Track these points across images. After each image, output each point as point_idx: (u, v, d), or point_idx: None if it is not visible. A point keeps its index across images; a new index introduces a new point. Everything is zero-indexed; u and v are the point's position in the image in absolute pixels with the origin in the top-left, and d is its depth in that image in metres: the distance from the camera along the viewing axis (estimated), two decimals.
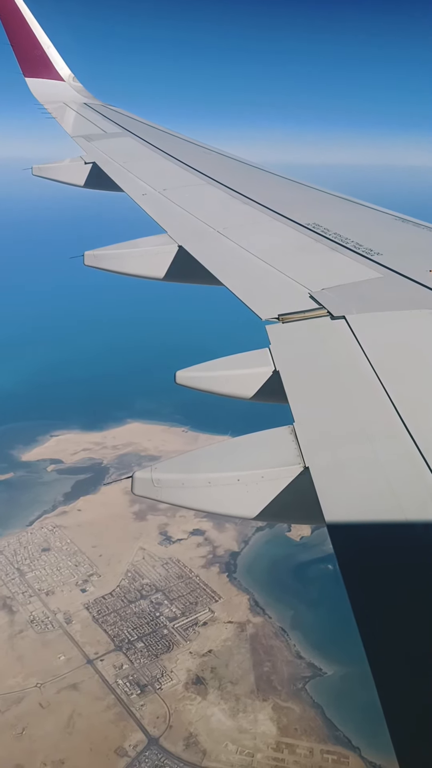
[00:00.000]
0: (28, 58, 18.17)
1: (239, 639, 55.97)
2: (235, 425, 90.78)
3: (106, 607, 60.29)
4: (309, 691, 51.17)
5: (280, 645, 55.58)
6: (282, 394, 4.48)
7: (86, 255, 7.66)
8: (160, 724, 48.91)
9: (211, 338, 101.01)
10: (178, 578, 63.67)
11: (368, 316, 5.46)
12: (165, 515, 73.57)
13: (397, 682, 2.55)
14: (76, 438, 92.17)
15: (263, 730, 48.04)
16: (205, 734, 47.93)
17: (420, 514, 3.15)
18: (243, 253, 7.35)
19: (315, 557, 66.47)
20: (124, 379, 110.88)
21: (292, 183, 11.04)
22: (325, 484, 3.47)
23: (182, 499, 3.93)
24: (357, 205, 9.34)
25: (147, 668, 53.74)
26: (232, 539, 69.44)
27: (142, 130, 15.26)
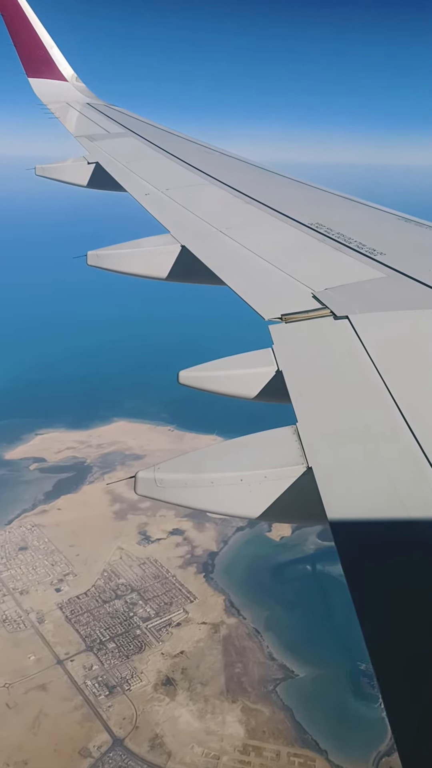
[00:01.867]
0: (31, 58, 18.19)
1: (212, 640, 55.66)
2: (221, 424, 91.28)
3: (80, 607, 59.38)
4: (279, 693, 50.71)
5: (252, 646, 55.29)
6: (285, 394, 4.44)
7: (89, 255, 7.61)
8: (126, 725, 48.15)
9: (213, 338, 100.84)
10: (154, 578, 62.90)
11: (371, 316, 5.39)
12: (145, 515, 73.21)
13: (399, 680, 2.52)
14: (61, 436, 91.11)
15: (231, 732, 47.74)
16: (171, 736, 47.51)
17: (423, 514, 3.12)
18: (246, 252, 7.28)
19: (294, 558, 66.27)
20: (116, 377, 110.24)
21: (294, 182, 10.94)
22: (328, 484, 3.44)
23: (185, 499, 3.89)
24: (360, 205, 9.27)
25: (117, 669, 52.93)
26: (212, 539, 69.15)
27: (144, 130, 15.23)
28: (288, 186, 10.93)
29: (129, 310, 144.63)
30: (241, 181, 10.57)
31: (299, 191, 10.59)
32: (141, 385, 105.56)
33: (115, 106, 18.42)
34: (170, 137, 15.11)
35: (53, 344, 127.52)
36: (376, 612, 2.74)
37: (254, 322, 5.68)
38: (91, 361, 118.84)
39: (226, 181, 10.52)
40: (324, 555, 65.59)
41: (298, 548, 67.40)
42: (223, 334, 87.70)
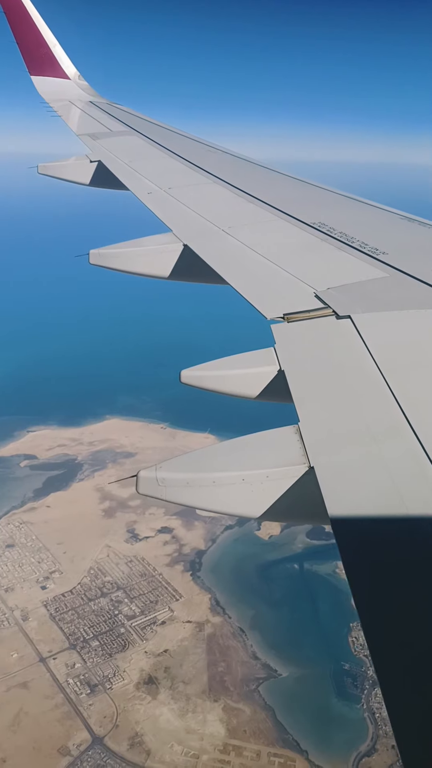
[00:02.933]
0: (34, 56, 18.25)
1: (196, 639, 55.47)
2: (214, 423, 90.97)
3: (65, 605, 58.77)
4: (262, 693, 50.39)
5: (236, 645, 55.07)
6: (287, 393, 4.43)
7: (91, 253, 7.60)
8: (106, 723, 47.65)
9: (215, 337, 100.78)
10: (140, 576, 62.38)
11: (374, 316, 5.39)
12: (135, 513, 72.91)
13: (399, 678, 2.50)
14: (53, 434, 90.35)
15: (211, 731, 47.55)
16: (152, 734, 47.19)
17: (425, 513, 3.13)
18: (248, 252, 7.27)
19: (282, 556, 66.00)
20: (111, 375, 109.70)
21: (297, 182, 10.93)
22: (330, 483, 3.43)
23: (187, 498, 3.88)
24: (362, 204, 9.27)
25: (99, 667, 52.44)
26: (200, 537, 68.88)
27: (147, 128, 15.25)
28: (290, 185, 10.94)
29: (129, 308, 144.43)
30: (243, 180, 10.58)
31: (302, 190, 10.58)
32: (136, 383, 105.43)
33: (118, 105, 18.47)
34: (173, 136, 15.15)
35: (51, 342, 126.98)
36: (377, 611, 2.72)
37: (256, 322, 5.68)
38: (87, 359, 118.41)
39: (229, 180, 10.54)
40: (312, 554, 65.44)
41: (287, 547, 67.19)
42: (224, 333, 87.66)
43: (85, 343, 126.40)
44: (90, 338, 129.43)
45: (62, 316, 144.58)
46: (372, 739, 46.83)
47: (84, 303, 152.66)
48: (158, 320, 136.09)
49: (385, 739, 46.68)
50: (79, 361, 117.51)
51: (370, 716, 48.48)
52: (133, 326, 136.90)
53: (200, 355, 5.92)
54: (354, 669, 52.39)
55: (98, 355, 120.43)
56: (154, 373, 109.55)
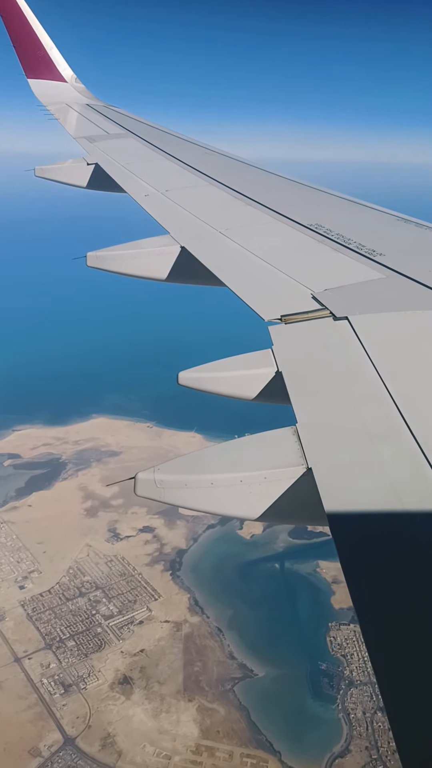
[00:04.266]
0: (30, 59, 18.13)
1: (173, 638, 54.98)
2: (201, 422, 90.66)
3: (43, 605, 57.46)
4: (237, 693, 49.59)
5: (213, 645, 54.58)
6: (284, 394, 4.41)
7: (89, 256, 7.56)
8: (79, 724, 46.53)
9: (211, 338, 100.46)
10: (120, 576, 61.33)
11: (371, 317, 5.36)
12: (117, 512, 72.22)
13: (398, 676, 2.50)
14: (38, 433, 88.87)
15: (184, 731, 47.05)
16: (124, 735, 46.43)
17: (424, 515, 3.12)
18: (245, 253, 7.23)
19: (263, 556, 65.45)
20: (102, 375, 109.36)
21: (293, 183, 10.83)
22: (328, 484, 3.42)
23: (185, 500, 3.87)
24: (359, 206, 9.20)
25: (74, 667, 51.26)
26: (182, 537, 68.31)
27: (144, 131, 15.21)
28: (287, 186, 10.92)
29: (125, 309, 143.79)
30: (240, 182, 10.53)
31: (298, 192, 10.56)
32: (125, 383, 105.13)
33: (114, 107, 18.37)
34: (169, 138, 15.09)
35: (42, 342, 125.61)
36: (375, 612, 2.70)
37: (254, 323, 5.64)
38: (78, 358, 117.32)
39: (226, 182, 10.48)
40: (294, 553, 65.09)
41: (268, 546, 66.78)
42: (221, 334, 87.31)
43: (77, 343, 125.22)
44: (82, 338, 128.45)
45: (56, 317, 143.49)
46: (346, 739, 46.49)
47: (79, 304, 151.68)
48: (154, 321, 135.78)
49: (359, 740, 46.40)
50: (68, 360, 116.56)
51: (345, 717, 48.14)
52: (127, 326, 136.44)
53: (195, 355, 5.90)
54: (331, 669, 52.07)
55: (88, 355, 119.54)
56: (144, 372, 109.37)
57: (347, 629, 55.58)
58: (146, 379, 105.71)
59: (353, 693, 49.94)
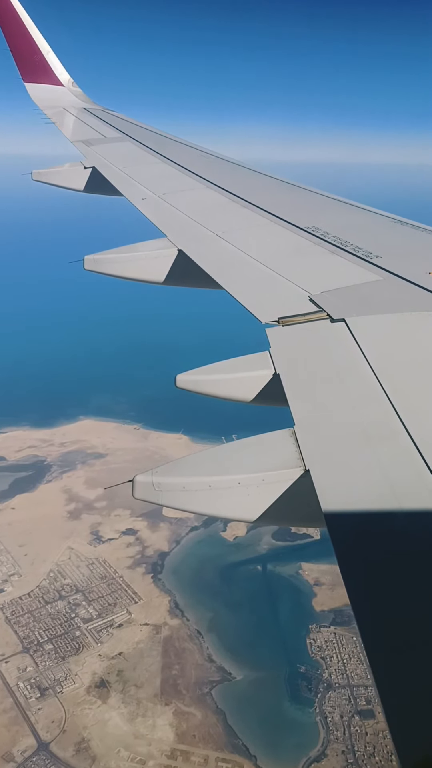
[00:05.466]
0: (28, 63, 18.25)
1: (152, 641, 54.27)
2: (188, 424, 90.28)
3: (22, 608, 55.93)
4: (214, 696, 48.54)
5: (192, 648, 53.96)
6: (282, 397, 4.41)
7: (86, 259, 7.57)
8: (53, 728, 45.09)
9: (206, 341, 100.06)
10: (100, 579, 60.04)
11: (368, 319, 5.37)
12: (100, 514, 71.37)
13: (397, 676, 2.48)
14: (24, 435, 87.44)
15: (159, 735, 46.33)
16: (99, 739, 45.57)
17: (421, 516, 3.12)
18: (242, 256, 7.26)
19: (245, 558, 64.77)
20: (91, 377, 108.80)
21: (290, 186, 10.90)
22: (326, 486, 3.41)
23: (183, 502, 3.88)
24: (356, 208, 9.22)
25: (51, 671, 49.87)
26: (164, 539, 67.55)
27: (141, 134, 15.33)
28: (284, 189, 11.00)
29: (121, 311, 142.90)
30: (237, 185, 10.60)
31: (295, 194, 10.61)
32: (114, 384, 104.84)
33: (111, 111, 18.46)
34: (166, 141, 15.18)
35: (33, 345, 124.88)
36: (373, 613, 2.67)
37: (250, 326, 5.62)
38: (68, 361, 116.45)
39: (222, 185, 10.54)
40: (276, 555, 64.66)
41: (251, 548, 66.25)
42: (217, 337, 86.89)
43: (68, 346, 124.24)
44: (75, 340, 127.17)
45: (50, 319, 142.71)
46: (323, 744, 46.02)
47: (74, 307, 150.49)
48: (148, 323, 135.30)
49: (335, 744, 45.96)
50: (58, 363, 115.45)
51: (322, 720, 47.68)
52: (121, 329, 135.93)
53: (189, 358, 5.88)
54: (309, 672, 51.61)
55: (79, 357, 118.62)
56: (134, 374, 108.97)
57: (327, 631, 55.24)
58: (136, 381, 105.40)
59: (331, 696, 49.55)
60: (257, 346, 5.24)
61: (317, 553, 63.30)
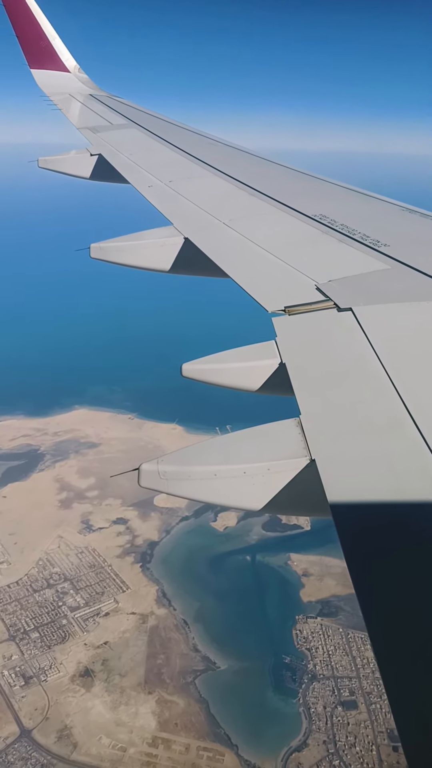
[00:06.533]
0: (34, 49, 18.06)
1: (138, 631, 54.38)
2: (183, 413, 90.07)
3: (9, 596, 55.83)
4: (198, 686, 48.87)
5: (178, 638, 54.06)
6: (288, 386, 4.39)
7: (92, 247, 7.54)
8: (36, 716, 45.25)
9: (207, 332, 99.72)
10: (89, 568, 60.04)
11: (375, 308, 5.31)
12: (91, 504, 71.40)
13: (403, 671, 2.46)
14: (19, 424, 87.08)
15: (141, 723, 46.39)
16: (81, 727, 45.66)
17: (428, 506, 3.10)
18: (249, 244, 7.14)
19: (235, 548, 64.68)
20: (89, 367, 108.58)
21: (297, 173, 10.72)
22: (331, 476, 3.41)
23: (188, 491, 3.87)
24: (364, 196, 9.04)
25: (37, 659, 49.91)
26: (154, 529, 67.51)
27: (147, 121, 15.10)
28: (291, 177, 10.82)
29: (124, 302, 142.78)
30: (244, 173, 10.42)
31: (302, 182, 10.44)
32: (110, 374, 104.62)
33: (118, 97, 18.25)
34: (173, 128, 14.94)
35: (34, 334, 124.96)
36: (378, 602, 2.66)
37: (252, 318, 5.65)
38: (66, 350, 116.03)
39: (230, 173, 10.36)
40: (266, 546, 64.60)
41: (241, 539, 66.18)
42: (219, 327, 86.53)
43: (68, 335, 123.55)
44: (77, 330, 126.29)
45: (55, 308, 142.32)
46: (304, 734, 46.12)
47: (78, 296, 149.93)
48: (151, 314, 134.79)
49: (317, 734, 46.06)
50: (56, 352, 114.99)
51: (305, 711, 47.76)
52: (123, 319, 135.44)
53: (190, 348, 5.75)
54: (294, 662, 51.66)
55: (78, 347, 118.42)
56: (131, 364, 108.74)
57: (314, 623, 55.26)
58: (133, 372, 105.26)
59: (315, 687, 49.62)
60: (258, 339, 5.19)
61: (307, 544, 63.32)
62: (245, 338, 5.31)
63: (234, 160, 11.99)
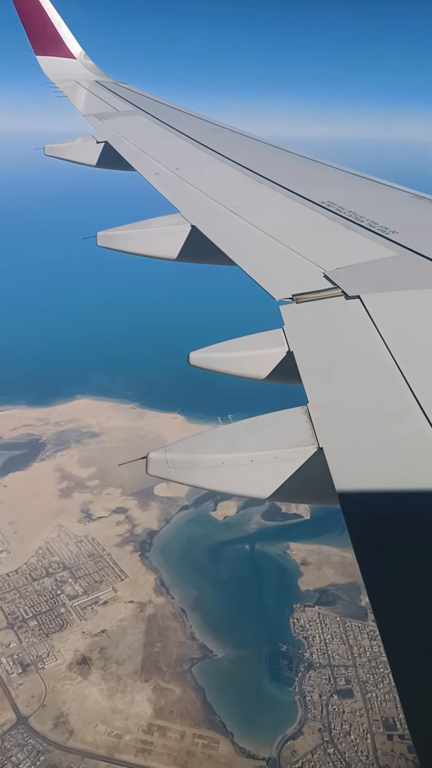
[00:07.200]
0: (39, 35, 17.93)
1: (136, 619, 54.66)
2: (185, 403, 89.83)
3: (8, 585, 56.31)
4: (194, 673, 49.31)
5: (176, 626, 54.30)
6: (296, 374, 4.41)
7: (99, 236, 7.52)
8: (33, 703, 45.89)
9: (211, 322, 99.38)
10: (88, 556, 60.47)
11: (383, 296, 5.28)
12: (91, 493, 71.68)
13: (413, 660, 2.46)
14: (21, 413, 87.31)
15: (137, 711, 46.77)
16: (77, 714, 46.16)
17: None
18: (256, 232, 7.09)
19: (234, 537, 64.71)
20: (92, 357, 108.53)
21: (305, 160, 10.62)
22: (339, 464, 3.41)
23: (196, 479, 3.88)
24: (372, 183, 8.98)
25: (35, 647, 50.46)
26: (154, 518, 67.61)
27: (153, 107, 14.97)
28: (298, 163, 10.69)
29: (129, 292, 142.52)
30: (251, 159, 10.32)
31: (310, 168, 10.33)
32: (113, 364, 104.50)
33: (124, 84, 18.07)
34: (179, 114, 14.77)
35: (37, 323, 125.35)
36: (386, 590, 2.66)
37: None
38: (69, 340, 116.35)
39: (237, 159, 10.26)
40: (265, 535, 64.52)
41: (240, 528, 65.62)
42: (222, 318, 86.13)
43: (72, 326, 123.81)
44: (80, 320, 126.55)
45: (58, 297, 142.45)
46: (300, 722, 46.25)
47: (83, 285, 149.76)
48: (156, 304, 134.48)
49: (312, 722, 46.16)
50: (59, 341, 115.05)
51: (301, 699, 47.86)
52: (126, 309, 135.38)
53: (193, 340, 5.92)
54: (291, 651, 51.71)
55: (82, 336, 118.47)
56: (134, 354, 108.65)
57: (312, 611, 55.22)
58: (136, 362, 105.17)
59: (311, 675, 49.66)
60: (266, 327, 5.15)
61: (306, 533, 63.22)
62: (252, 326, 5.28)
63: (241, 147, 11.87)
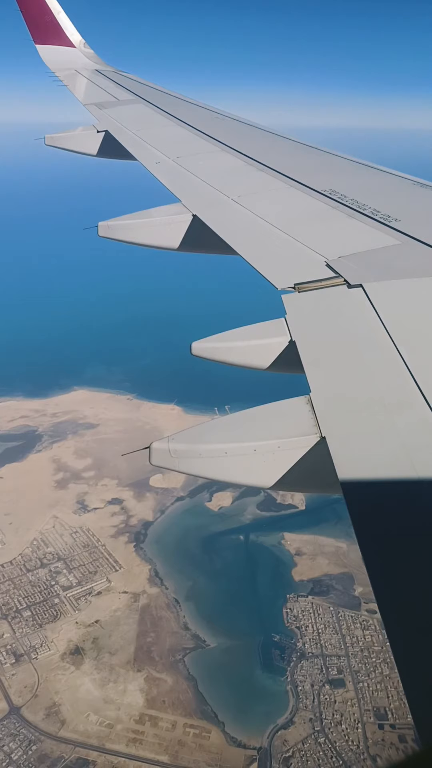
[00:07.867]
0: (38, 24, 17.73)
1: (130, 609, 54.83)
2: (181, 395, 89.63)
3: (2, 576, 56.41)
4: (187, 663, 49.66)
5: (169, 616, 54.47)
6: (298, 364, 4.41)
7: (100, 226, 7.50)
8: (26, 693, 46.16)
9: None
10: (83, 547, 60.61)
11: (386, 284, 5.27)
12: (87, 484, 71.54)
13: (416, 649, 2.45)
14: (17, 405, 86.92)
15: (129, 701, 47.00)
16: (69, 704, 46.44)
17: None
18: (258, 221, 7.05)
19: (229, 528, 63.86)
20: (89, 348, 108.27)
21: (307, 148, 10.55)
22: (342, 453, 3.41)
23: (199, 469, 3.89)
24: (374, 170, 8.93)
25: (28, 638, 50.63)
26: (149, 509, 67.62)
27: (154, 96, 14.84)
28: (300, 152, 10.61)
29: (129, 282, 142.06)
30: (252, 148, 10.24)
31: (311, 157, 10.25)
32: (110, 355, 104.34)
33: (124, 72, 17.93)
34: (180, 103, 14.63)
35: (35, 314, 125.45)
36: (389, 580, 2.66)
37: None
38: (67, 331, 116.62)
39: (238, 148, 10.19)
40: (259, 525, 64.47)
41: (235, 518, 65.40)
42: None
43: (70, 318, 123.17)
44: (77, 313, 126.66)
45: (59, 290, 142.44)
46: (291, 712, 46.39)
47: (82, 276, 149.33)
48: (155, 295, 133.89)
49: (304, 712, 46.28)
50: (58, 334, 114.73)
51: (293, 689, 47.98)
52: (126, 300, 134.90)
53: (190, 332, 5.86)
54: (283, 641, 51.79)
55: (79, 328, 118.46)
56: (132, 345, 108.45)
57: (305, 601, 55.04)
58: (133, 353, 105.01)
59: (303, 665, 49.54)
60: (268, 317, 5.10)
61: (301, 524, 63.20)
62: (254, 316, 5.25)
63: (242, 136, 11.75)
